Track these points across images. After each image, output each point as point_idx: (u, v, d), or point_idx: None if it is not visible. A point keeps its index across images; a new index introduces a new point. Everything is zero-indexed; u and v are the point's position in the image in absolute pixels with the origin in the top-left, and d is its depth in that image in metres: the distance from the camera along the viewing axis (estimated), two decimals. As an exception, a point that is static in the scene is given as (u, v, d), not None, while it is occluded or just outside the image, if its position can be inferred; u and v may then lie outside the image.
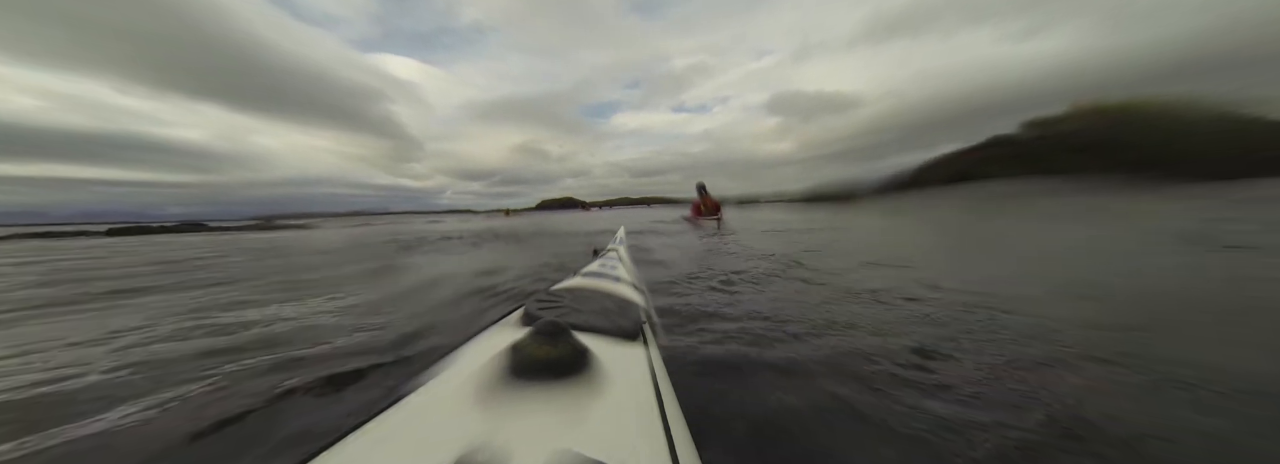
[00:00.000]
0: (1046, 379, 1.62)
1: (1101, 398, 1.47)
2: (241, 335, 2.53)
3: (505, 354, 0.86)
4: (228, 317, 3.04)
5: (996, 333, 2.12)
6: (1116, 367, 1.70)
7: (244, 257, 8.08)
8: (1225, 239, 4.60)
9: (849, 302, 2.83)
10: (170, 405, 1.62)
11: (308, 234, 19.10)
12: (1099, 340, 1.98)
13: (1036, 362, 1.77)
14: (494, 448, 0.62)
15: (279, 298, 3.72)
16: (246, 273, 5.56)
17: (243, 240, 15.02)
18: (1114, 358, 1.77)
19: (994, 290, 2.88)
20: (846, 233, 7.99)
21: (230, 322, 2.88)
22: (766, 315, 2.54)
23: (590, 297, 1.57)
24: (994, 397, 1.49)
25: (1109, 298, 2.67)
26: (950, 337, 2.09)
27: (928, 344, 1.97)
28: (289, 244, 11.72)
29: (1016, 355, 1.83)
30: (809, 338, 2.12)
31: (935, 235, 7.28)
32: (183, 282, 4.97)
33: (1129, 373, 1.64)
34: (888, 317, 2.47)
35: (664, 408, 0.82)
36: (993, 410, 1.40)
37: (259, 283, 4.68)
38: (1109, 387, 1.56)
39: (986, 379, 1.62)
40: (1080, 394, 1.49)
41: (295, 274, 5.25)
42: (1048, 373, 1.67)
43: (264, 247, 10.90)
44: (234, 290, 4.22)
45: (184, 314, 3.18)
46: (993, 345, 1.95)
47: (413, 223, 33.73)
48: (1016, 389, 1.54)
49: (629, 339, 1.17)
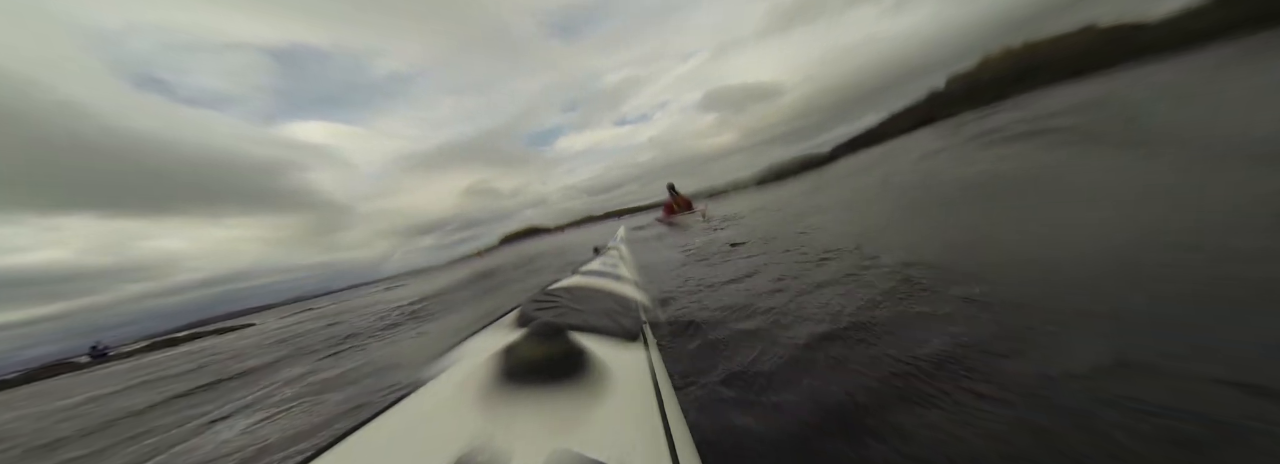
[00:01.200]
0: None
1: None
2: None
3: (502, 356, 0.85)
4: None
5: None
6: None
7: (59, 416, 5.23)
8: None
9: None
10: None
11: (227, 340, 14.79)
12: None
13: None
14: (493, 449, 0.62)
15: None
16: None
17: (113, 373, 11.45)
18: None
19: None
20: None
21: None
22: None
23: (589, 295, 1.55)
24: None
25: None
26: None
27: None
28: (169, 368, 8.32)
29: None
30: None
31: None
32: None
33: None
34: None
35: (664, 408, 0.82)
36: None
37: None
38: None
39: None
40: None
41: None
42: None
43: (129, 383, 7.37)
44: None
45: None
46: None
47: (364, 295, 27.26)
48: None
49: (629, 339, 1.16)
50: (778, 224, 6.07)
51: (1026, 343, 1.37)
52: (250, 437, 2.55)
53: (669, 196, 14.28)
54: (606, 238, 5.86)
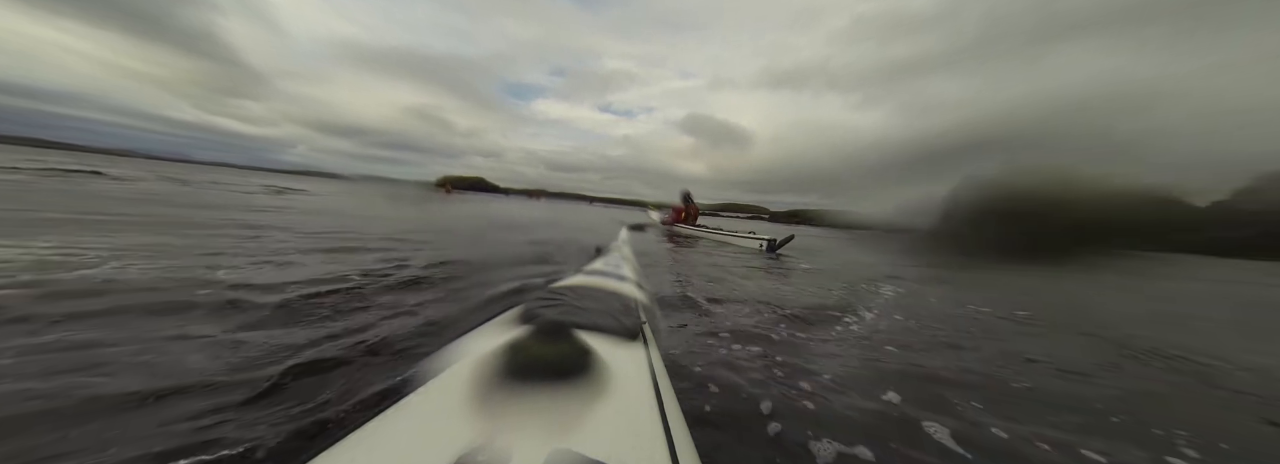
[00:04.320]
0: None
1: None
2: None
3: (505, 353, 0.84)
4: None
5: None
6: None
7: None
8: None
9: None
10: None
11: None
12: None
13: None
14: (494, 448, 0.62)
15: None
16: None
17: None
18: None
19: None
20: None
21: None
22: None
23: (590, 294, 1.56)
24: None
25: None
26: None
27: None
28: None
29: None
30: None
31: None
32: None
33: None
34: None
35: (664, 408, 0.83)
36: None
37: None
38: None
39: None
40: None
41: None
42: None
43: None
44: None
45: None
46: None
47: (227, 187, 13.50)
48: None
49: (629, 338, 1.16)
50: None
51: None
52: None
53: (681, 203, 14.23)
54: (607, 240, 5.49)
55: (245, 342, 1.79)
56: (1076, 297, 5.41)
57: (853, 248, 11.60)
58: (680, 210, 14.06)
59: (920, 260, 7.52)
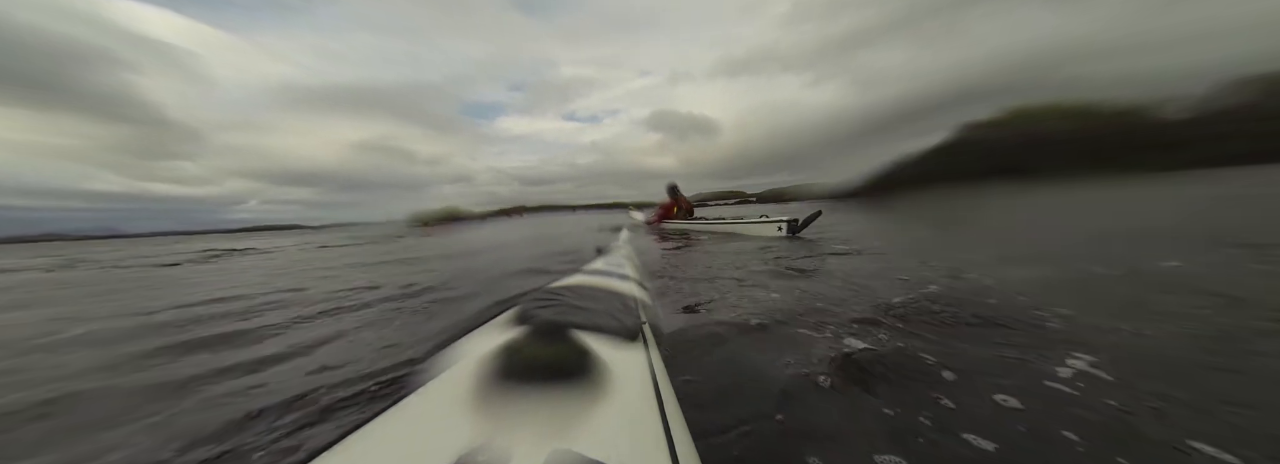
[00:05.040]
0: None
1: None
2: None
3: (503, 354, 0.84)
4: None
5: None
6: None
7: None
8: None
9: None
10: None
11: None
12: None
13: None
14: (493, 448, 0.62)
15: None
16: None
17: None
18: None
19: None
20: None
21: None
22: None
23: (590, 294, 1.55)
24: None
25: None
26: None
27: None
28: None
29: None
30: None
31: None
32: None
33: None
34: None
35: (664, 408, 0.83)
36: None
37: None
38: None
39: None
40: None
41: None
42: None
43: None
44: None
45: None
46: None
47: (149, 257, 11.96)
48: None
49: (629, 338, 1.16)
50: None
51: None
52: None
53: (669, 198, 11.76)
54: (605, 243, 5.33)
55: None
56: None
57: (858, 218, 10.10)
58: (670, 205, 11.80)
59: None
